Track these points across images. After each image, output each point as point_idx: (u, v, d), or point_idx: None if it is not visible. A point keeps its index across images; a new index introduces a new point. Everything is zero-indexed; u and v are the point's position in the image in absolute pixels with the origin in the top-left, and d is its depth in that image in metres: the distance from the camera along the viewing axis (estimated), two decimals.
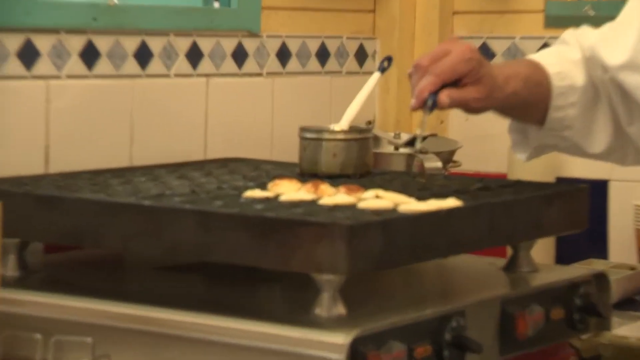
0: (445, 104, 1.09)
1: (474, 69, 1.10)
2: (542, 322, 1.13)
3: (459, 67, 1.09)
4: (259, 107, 1.57)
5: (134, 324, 1.02)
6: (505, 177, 1.62)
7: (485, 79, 1.10)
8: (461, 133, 1.74)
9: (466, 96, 1.10)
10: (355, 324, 0.96)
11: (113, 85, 1.38)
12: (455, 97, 1.09)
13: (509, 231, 1.11)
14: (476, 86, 1.10)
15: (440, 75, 1.09)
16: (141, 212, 1.04)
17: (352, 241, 0.94)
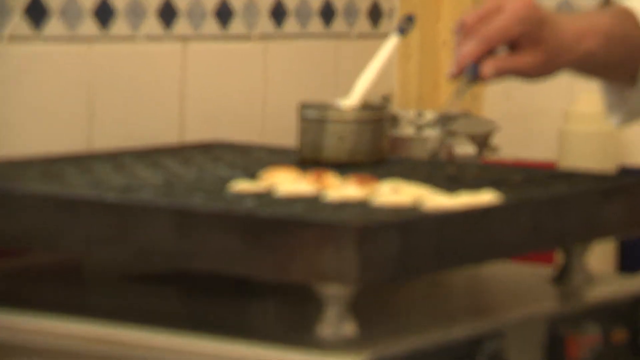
0: (490, 75, 1.10)
1: (532, 31, 1.10)
2: (599, 345, 1.16)
3: (511, 30, 1.10)
4: (248, 79, 1.60)
5: (97, 346, 1.05)
6: (553, 166, 1.66)
7: (548, 41, 1.11)
8: (499, 111, 1.77)
9: (518, 64, 1.11)
10: (368, 346, 0.99)
11: (66, 51, 1.41)
12: (503, 67, 1.10)
13: (558, 232, 1.14)
14: (533, 50, 1.11)
15: (487, 39, 1.10)
16: (104, 209, 1.06)
17: (363, 245, 0.97)
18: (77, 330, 1.06)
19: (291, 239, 0.99)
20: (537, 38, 1.11)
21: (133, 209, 1.05)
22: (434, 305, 1.18)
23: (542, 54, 1.11)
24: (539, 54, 1.11)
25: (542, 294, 1.22)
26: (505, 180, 1.22)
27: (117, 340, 1.05)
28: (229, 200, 1.08)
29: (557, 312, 1.14)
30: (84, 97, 1.41)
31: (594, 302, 1.18)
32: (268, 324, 1.10)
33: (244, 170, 1.27)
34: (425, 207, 1.06)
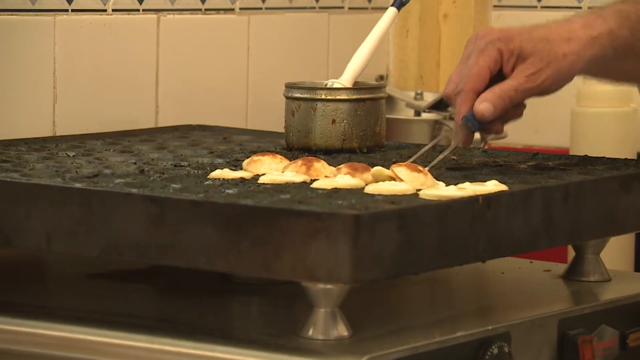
0: (488, 112, 1.15)
1: (501, 49, 1.15)
2: (615, 349, 1.16)
3: (481, 63, 1.15)
4: (229, 56, 1.59)
5: (62, 350, 1.05)
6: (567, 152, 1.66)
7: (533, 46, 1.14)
8: None
9: (514, 84, 1.15)
10: (362, 349, 0.98)
11: (27, 22, 1.40)
12: (494, 95, 1.15)
13: (571, 226, 1.14)
14: (521, 65, 1.15)
15: (467, 86, 1.15)
16: (70, 198, 1.06)
17: (357, 238, 0.97)
18: (38, 333, 1.06)
19: (277, 232, 0.98)
20: (517, 53, 1.15)
21: (102, 198, 1.05)
22: (435, 305, 1.18)
23: (530, 64, 1.15)
24: (526, 66, 1.15)
25: (553, 293, 1.22)
26: (513, 168, 1.22)
27: (83, 344, 1.04)
28: (208, 189, 1.07)
29: (569, 313, 1.14)
30: (48, 75, 1.41)
31: (609, 302, 1.18)
32: (251, 326, 1.10)
33: (226, 157, 1.26)
34: (425, 196, 1.06)
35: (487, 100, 1.15)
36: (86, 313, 1.10)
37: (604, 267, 1.25)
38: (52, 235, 1.06)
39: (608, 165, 1.23)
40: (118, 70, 1.47)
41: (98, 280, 1.21)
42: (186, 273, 1.12)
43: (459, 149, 1.33)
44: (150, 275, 1.21)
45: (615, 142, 1.63)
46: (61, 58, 1.42)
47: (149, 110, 1.51)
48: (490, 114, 1.15)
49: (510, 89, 1.15)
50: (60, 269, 1.25)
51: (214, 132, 1.44)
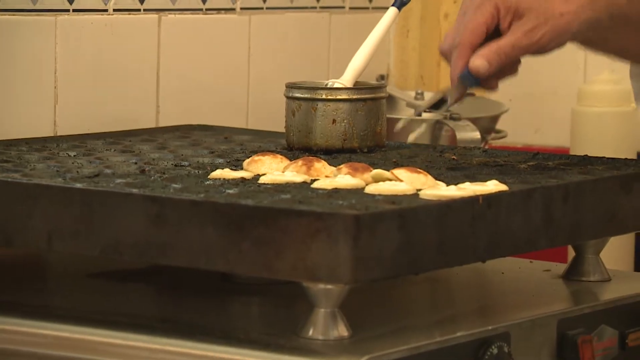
0: (482, 67, 1.13)
1: (498, 5, 1.13)
2: (615, 349, 1.16)
3: (478, 18, 1.13)
4: (230, 56, 1.59)
5: (62, 350, 1.05)
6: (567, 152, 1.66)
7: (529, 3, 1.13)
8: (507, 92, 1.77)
9: (511, 40, 1.14)
10: (362, 349, 0.98)
11: (28, 22, 1.40)
12: (490, 52, 1.13)
13: (571, 226, 1.14)
14: (517, 22, 1.14)
15: (463, 41, 1.14)
16: (71, 198, 1.06)
17: (358, 238, 0.97)
18: (39, 333, 1.06)
19: (277, 232, 0.98)
20: (513, 9, 1.14)
21: (103, 198, 1.05)
22: (435, 305, 1.18)
23: (527, 20, 1.13)
24: (523, 23, 1.13)
25: (553, 293, 1.22)
26: (513, 168, 1.22)
27: (84, 344, 1.05)
28: (209, 189, 1.07)
29: (569, 313, 1.14)
30: (49, 74, 1.41)
31: (609, 302, 1.18)
32: (251, 326, 1.10)
33: (226, 157, 1.26)
34: (426, 196, 1.06)
35: (483, 56, 1.13)
36: (86, 313, 1.10)
37: (604, 267, 1.25)
38: (53, 235, 1.06)
39: (608, 165, 1.23)
40: (119, 70, 1.47)
41: (98, 279, 1.21)
42: (187, 273, 1.12)
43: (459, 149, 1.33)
44: (150, 275, 1.21)
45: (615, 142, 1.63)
46: (62, 58, 1.42)
47: (149, 110, 1.51)
48: (485, 70, 1.13)
49: (507, 45, 1.14)
50: (61, 269, 1.25)
51: (214, 131, 1.44)
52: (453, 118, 1.57)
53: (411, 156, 1.28)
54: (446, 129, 1.55)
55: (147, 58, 1.50)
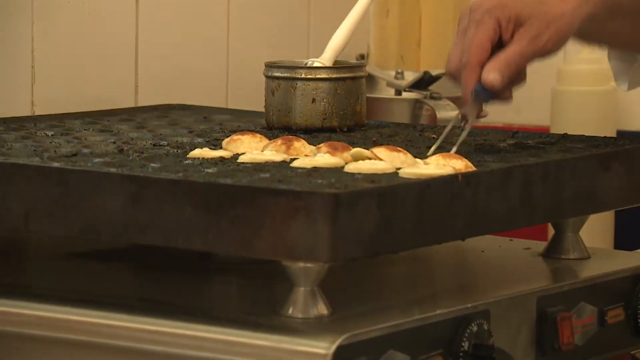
0: (496, 79, 1.14)
1: (498, 17, 1.14)
2: (594, 326, 1.17)
3: (482, 35, 1.14)
4: (209, 35, 1.58)
5: (40, 329, 1.04)
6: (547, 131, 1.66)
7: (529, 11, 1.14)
8: None
9: (517, 49, 1.14)
10: (341, 327, 0.98)
11: (4, 1, 1.39)
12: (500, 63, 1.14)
13: (550, 204, 1.14)
14: (519, 29, 1.14)
15: (471, 59, 1.14)
16: (48, 177, 1.05)
17: (337, 217, 0.96)
18: (16, 312, 1.05)
19: (255, 210, 0.98)
20: (513, 18, 1.14)
21: (80, 178, 1.04)
22: (414, 283, 1.18)
23: (530, 27, 1.14)
24: (526, 30, 1.14)
25: (532, 271, 1.22)
26: (492, 146, 1.22)
27: (62, 323, 1.04)
28: (187, 168, 1.07)
29: (548, 291, 1.14)
30: (26, 53, 1.40)
31: (588, 279, 1.19)
32: (231, 305, 1.09)
33: (205, 136, 1.26)
34: (405, 174, 1.05)
35: (495, 69, 1.14)
36: (64, 292, 1.09)
37: (583, 245, 1.26)
38: (30, 215, 1.05)
39: (587, 143, 1.23)
40: (97, 49, 1.47)
41: (77, 260, 1.21)
42: (166, 252, 1.12)
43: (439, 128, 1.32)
44: (129, 254, 1.20)
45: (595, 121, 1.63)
46: (39, 37, 1.41)
47: (128, 90, 1.50)
48: (499, 82, 1.14)
49: (514, 54, 1.14)
50: (39, 249, 1.24)
51: (193, 111, 1.44)
52: (433, 97, 1.57)
53: (391, 135, 1.28)
54: (426, 108, 1.55)
55: (125, 37, 1.49)
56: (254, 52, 1.59)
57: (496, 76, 1.14)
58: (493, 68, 1.14)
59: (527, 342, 1.11)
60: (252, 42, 1.61)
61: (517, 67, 1.15)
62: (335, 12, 1.46)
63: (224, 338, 0.99)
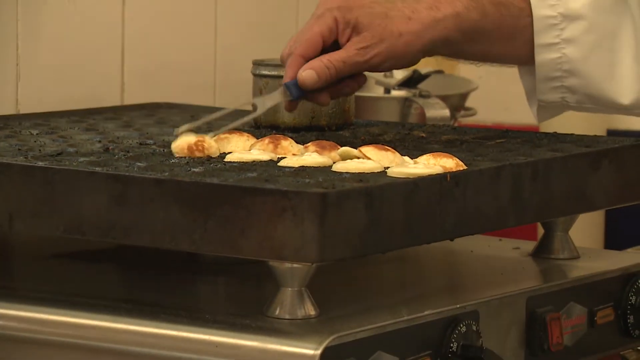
0: (310, 80, 1.11)
1: (337, 18, 1.12)
2: (584, 327, 1.16)
3: (314, 29, 1.12)
4: (196, 33, 1.58)
5: (25, 331, 1.04)
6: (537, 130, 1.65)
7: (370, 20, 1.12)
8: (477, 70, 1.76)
9: (343, 55, 1.12)
10: (329, 328, 0.98)
11: None
12: (321, 64, 1.11)
13: (540, 203, 1.14)
14: (359, 35, 1.12)
15: (296, 50, 1.12)
16: (33, 177, 1.05)
17: (324, 217, 0.96)
18: (1, 314, 1.04)
19: (243, 210, 0.97)
20: (353, 24, 1.13)
21: (65, 177, 1.03)
22: (403, 284, 1.18)
23: (363, 38, 1.12)
24: (359, 39, 1.12)
25: (522, 271, 1.22)
26: (481, 145, 1.21)
27: (47, 325, 1.04)
28: (174, 167, 1.06)
29: (538, 291, 1.14)
30: (10, 50, 1.39)
31: (578, 279, 1.18)
32: (218, 306, 1.09)
33: None
34: (394, 174, 1.05)
35: (312, 68, 1.11)
36: (50, 294, 1.09)
37: (573, 245, 1.25)
38: (14, 214, 1.05)
39: (577, 142, 1.23)
40: (83, 47, 1.46)
41: (62, 260, 1.20)
42: (152, 253, 1.11)
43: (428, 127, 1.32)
44: (115, 255, 1.20)
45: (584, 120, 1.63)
46: (24, 35, 1.41)
47: (114, 88, 1.49)
48: (312, 82, 1.12)
49: (338, 59, 1.12)
50: (24, 249, 1.24)
51: (180, 109, 1.43)
52: (422, 96, 1.56)
53: (380, 134, 1.28)
54: (415, 107, 1.55)
55: (111, 35, 1.49)
56: (242, 50, 1.59)
57: (311, 75, 1.11)
58: (311, 66, 1.12)
59: (516, 343, 1.11)
60: (240, 40, 1.60)
61: (338, 73, 1.13)
62: None
63: (210, 339, 0.99)
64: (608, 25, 1.17)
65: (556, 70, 1.18)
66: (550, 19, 1.16)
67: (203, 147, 1.12)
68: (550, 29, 1.16)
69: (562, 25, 1.16)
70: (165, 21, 1.54)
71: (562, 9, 1.16)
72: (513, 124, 1.74)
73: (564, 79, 1.18)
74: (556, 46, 1.16)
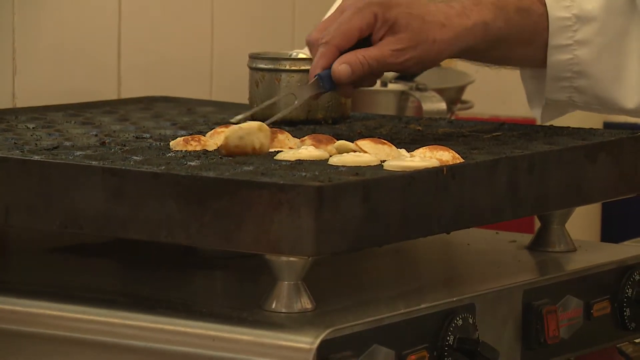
0: (344, 73, 1.11)
1: (377, 15, 1.12)
2: (580, 319, 1.17)
3: (354, 22, 1.11)
4: (193, 26, 1.58)
5: (21, 325, 1.04)
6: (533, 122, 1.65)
7: (407, 22, 1.12)
8: None
9: (377, 54, 1.12)
10: (326, 322, 0.98)
11: None
12: (356, 60, 1.11)
13: (536, 196, 1.14)
14: (392, 37, 1.12)
15: (332, 41, 1.12)
16: (29, 171, 1.05)
17: (321, 210, 0.96)
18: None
19: (239, 204, 0.97)
20: (391, 24, 1.13)
21: (61, 171, 1.03)
22: (399, 277, 1.18)
23: (399, 40, 1.13)
24: (403, 37, 1.12)
25: (518, 264, 1.22)
26: (478, 138, 1.21)
27: (43, 319, 1.04)
28: (170, 160, 1.06)
29: (534, 284, 1.14)
30: (6, 44, 1.39)
31: (574, 272, 1.19)
32: (214, 299, 1.09)
33: (188, 129, 1.25)
34: (390, 167, 1.05)
35: (347, 63, 1.11)
36: (46, 287, 1.09)
37: (570, 238, 1.25)
38: (10, 208, 1.05)
39: (573, 135, 1.23)
40: (79, 40, 1.46)
41: (59, 254, 1.20)
42: (148, 246, 1.11)
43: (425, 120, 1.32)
44: (111, 248, 1.20)
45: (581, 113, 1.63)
46: (20, 28, 1.40)
47: (111, 82, 1.49)
48: (346, 77, 1.12)
49: (372, 57, 1.12)
50: (20, 244, 1.24)
51: (177, 103, 1.43)
52: (419, 89, 1.56)
53: (376, 127, 1.28)
54: (412, 100, 1.55)
55: (108, 28, 1.49)
56: (238, 44, 1.59)
57: (347, 70, 1.11)
58: (347, 61, 1.12)
59: (513, 336, 1.11)
60: (237, 33, 1.60)
61: (370, 71, 1.13)
62: (321, 2, 1.45)
63: (206, 333, 0.99)
64: (617, 27, 1.18)
65: (566, 71, 1.19)
66: (564, 20, 1.17)
67: (199, 139, 1.12)
68: (564, 31, 1.17)
69: (575, 27, 1.17)
70: (161, 15, 1.54)
71: (576, 10, 1.17)
72: (510, 117, 1.74)
73: (573, 80, 1.19)
74: (569, 47, 1.17)
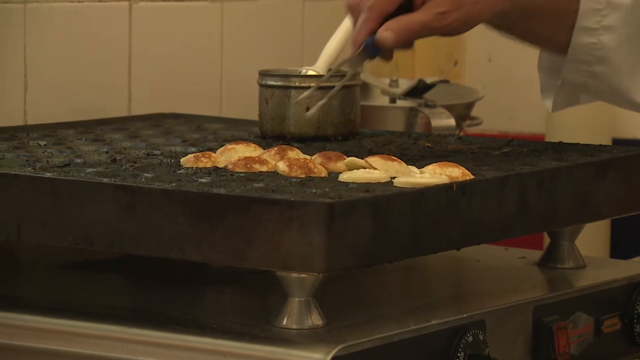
0: (389, 39, 1.10)
1: None
2: (590, 336, 1.17)
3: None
4: (203, 44, 1.58)
5: (32, 340, 1.04)
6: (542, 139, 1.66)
7: None
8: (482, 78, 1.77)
9: (417, 18, 1.11)
10: (336, 338, 0.98)
11: None
12: (400, 26, 1.10)
13: (546, 213, 1.14)
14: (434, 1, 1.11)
15: (376, 6, 1.11)
16: (41, 187, 1.05)
17: (331, 226, 0.96)
18: (9, 323, 1.05)
19: (249, 220, 0.98)
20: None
21: (73, 188, 1.04)
22: (409, 293, 1.18)
23: (442, 2, 1.12)
24: (438, 4, 1.11)
25: (528, 280, 1.22)
26: (487, 155, 1.22)
27: (55, 335, 1.04)
28: (181, 177, 1.07)
29: (544, 300, 1.14)
30: (18, 61, 1.40)
31: (584, 289, 1.19)
32: (225, 315, 1.09)
33: (199, 145, 1.26)
34: (400, 184, 1.05)
35: (392, 29, 1.10)
36: (58, 304, 1.09)
37: (579, 254, 1.26)
38: (23, 225, 1.05)
39: (583, 152, 1.23)
40: (90, 58, 1.46)
41: (70, 270, 1.21)
42: (159, 262, 1.11)
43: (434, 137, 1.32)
44: (122, 265, 1.20)
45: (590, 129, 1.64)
46: (32, 46, 1.41)
47: (121, 99, 1.50)
48: (390, 43, 1.10)
49: (417, 23, 1.11)
50: (32, 260, 1.24)
51: (187, 120, 1.44)
52: (428, 105, 1.57)
53: (385, 144, 1.28)
54: (421, 116, 1.55)
55: (118, 46, 1.49)
56: (248, 61, 1.59)
57: (392, 36, 1.10)
58: (392, 28, 1.10)
59: (523, 352, 1.11)
60: (246, 51, 1.61)
61: (415, 36, 1.12)
62: (329, 20, 1.46)
63: (217, 349, 0.99)
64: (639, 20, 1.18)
65: (588, 55, 1.18)
66: (595, 3, 1.16)
67: (210, 155, 1.12)
68: (594, 14, 1.17)
69: (605, 12, 1.17)
70: (171, 32, 1.54)
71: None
72: (518, 133, 1.74)
73: (592, 64, 1.19)
74: (595, 31, 1.17)
